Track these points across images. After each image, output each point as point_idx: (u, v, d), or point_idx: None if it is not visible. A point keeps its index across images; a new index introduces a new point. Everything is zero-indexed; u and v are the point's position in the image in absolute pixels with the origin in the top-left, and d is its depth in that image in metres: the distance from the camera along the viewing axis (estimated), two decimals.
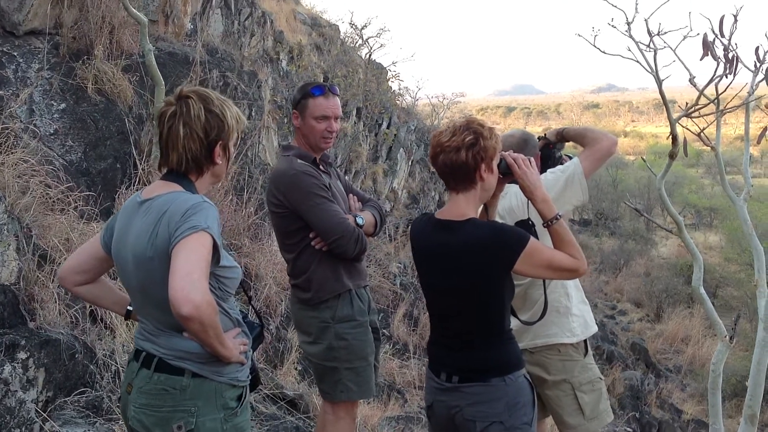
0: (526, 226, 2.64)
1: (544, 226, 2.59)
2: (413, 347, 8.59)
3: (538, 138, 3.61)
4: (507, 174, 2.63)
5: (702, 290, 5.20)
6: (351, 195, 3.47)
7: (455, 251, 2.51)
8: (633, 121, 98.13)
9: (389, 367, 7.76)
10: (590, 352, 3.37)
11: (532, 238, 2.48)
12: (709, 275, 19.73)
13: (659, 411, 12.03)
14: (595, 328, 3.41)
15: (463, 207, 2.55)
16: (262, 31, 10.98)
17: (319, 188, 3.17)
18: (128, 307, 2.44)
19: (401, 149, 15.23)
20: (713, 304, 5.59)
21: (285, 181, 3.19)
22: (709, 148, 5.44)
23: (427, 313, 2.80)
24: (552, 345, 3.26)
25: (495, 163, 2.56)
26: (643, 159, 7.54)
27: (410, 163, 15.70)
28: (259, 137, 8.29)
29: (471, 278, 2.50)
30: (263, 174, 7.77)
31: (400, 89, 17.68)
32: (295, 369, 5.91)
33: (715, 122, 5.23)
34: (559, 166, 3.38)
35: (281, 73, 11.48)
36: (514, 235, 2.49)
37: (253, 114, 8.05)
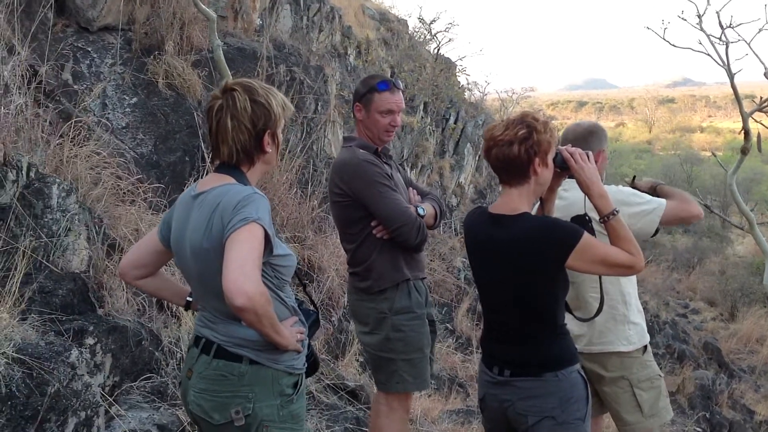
0: (582, 222, 2.60)
1: (601, 222, 2.55)
2: (476, 342, 8.53)
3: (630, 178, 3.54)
4: (564, 168, 2.60)
5: None
6: (411, 189, 3.49)
7: (507, 246, 2.50)
8: (710, 116, 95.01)
9: (451, 360, 7.74)
10: (649, 349, 3.30)
11: (585, 234, 2.45)
12: None
13: (731, 411, 11.63)
14: (648, 338, 3.33)
15: (516, 201, 2.53)
16: (331, 26, 11.07)
17: (382, 177, 3.20)
18: (188, 298, 2.50)
19: (468, 144, 15.14)
20: None
21: (348, 170, 3.23)
22: None
23: (478, 294, 2.80)
24: (610, 352, 3.21)
25: (550, 157, 2.53)
26: (714, 154, 7.31)
27: (477, 157, 15.59)
28: (324, 131, 8.36)
29: (523, 273, 2.49)
30: (328, 167, 7.84)
31: (468, 84, 17.58)
32: (357, 360, 5.95)
33: None
34: (646, 195, 3.26)
35: (348, 67, 11.55)
36: (566, 230, 2.47)
37: (319, 108, 8.12)
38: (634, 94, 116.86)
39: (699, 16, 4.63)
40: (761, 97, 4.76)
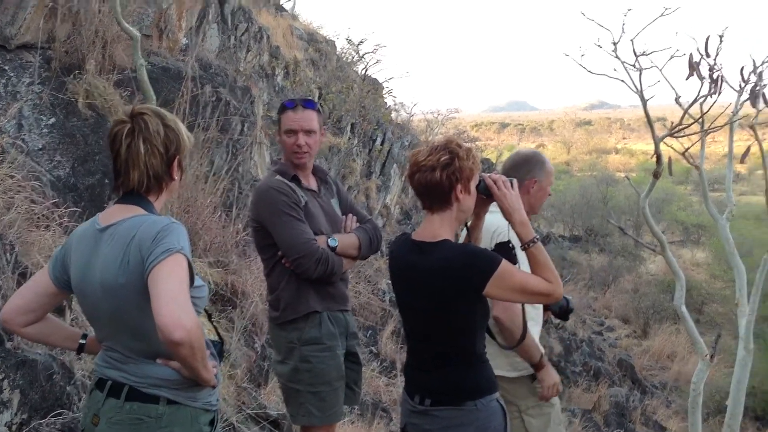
0: (505, 249, 2.62)
1: (522, 249, 2.58)
2: (401, 365, 8.54)
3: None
4: (487, 195, 2.62)
5: (684, 309, 5.27)
6: (349, 214, 3.45)
7: (426, 273, 2.51)
8: (624, 138, 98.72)
9: (375, 385, 7.72)
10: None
11: (504, 261, 2.46)
12: (695, 292, 19.82)
13: (644, 428, 12.03)
14: None
15: (438, 228, 2.55)
16: (259, 46, 11.02)
17: (288, 206, 3.14)
18: (80, 341, 2.36)
19: (395, 165, 15.27)
20: (699, 320, 5.73)
21: (257, 196, 3.23)
22: (692, 166, 5.50)
23: (402, 322, 2.80)
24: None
25: (473, 184, 2.56)
26: (627, 178, 7.62)
27: (403, 179, 15.72)
28: (250, 153, 8.29)
29: (441, 300, 2.50)
30: (254, 190, 7.75)
31: (395, 105, 17.75)
32: (280, 388, 5.86)
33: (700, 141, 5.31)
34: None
35: (276, 88, 11.50)
36: (484, 258, 2.48)
37: (245, 129, 8.05)
38: (554, 116, 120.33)
39: (614, 44, 4.84)
40: (672, 122, 4.99)
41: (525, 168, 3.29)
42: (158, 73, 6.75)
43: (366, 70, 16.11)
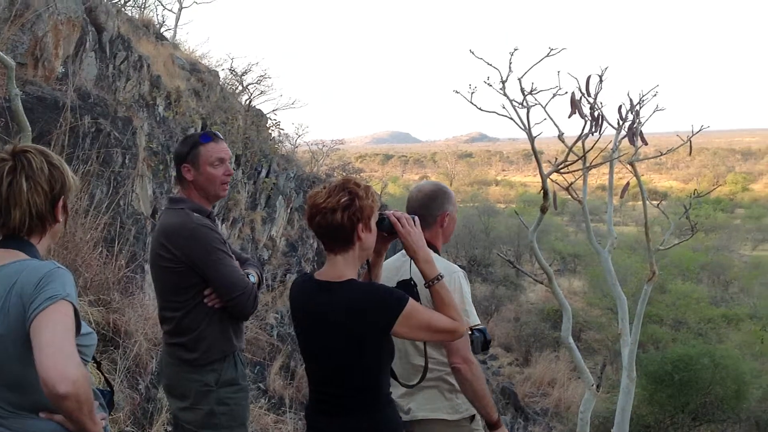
0: (408, 286, 2.63)
1: (426, 287, 2.58)
2: (289, 400, 8.43)
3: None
4: (391, 232, 2.63)
5: (570, 340, 5.45)
6: None
7: (333, 313, 2.48)
8: (503, 170, 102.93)
9: (264, 422, 7.55)
10: (477, 418, 3.27)
11: (411, 300, 2.47)
12: (573, 319, 20.69)
13: None
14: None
15: (342, 268, 2.52)
16: (139, 75, 10.72)
17: (221, 243, 3.07)
18: None
19: (280, 197, 15.17)
20: (577, 347, 5.95)
21: (184, 235, 3.04)
22: (576, 200, 5.78)
23: (305, 365, 2.75)
24: (435, 419, 3.18)
25: (373, 222, 2.55)
26: (516, 212, 7.92)
27: (289, 210, 15.64)
28: (132, 186, 8.01)
29: (349, 340, 2.47)
30: (136, 224, 7.50)
31: (280, 136, 17.71)
32: (165, 431, 5.65)
33: (582, 177, 5.57)
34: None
35: (158, 118, 11.20)
36: (392, 297, 2.47)
37: (126, 162, 7.78)
38: (436, 148, 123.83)
39: (503, 82, 5.00)
40: (556, 158, 5.18)
41: (435, 204, 3.30)
42: (33, 103, 6.44)
43: (250, 101, 16.01)
